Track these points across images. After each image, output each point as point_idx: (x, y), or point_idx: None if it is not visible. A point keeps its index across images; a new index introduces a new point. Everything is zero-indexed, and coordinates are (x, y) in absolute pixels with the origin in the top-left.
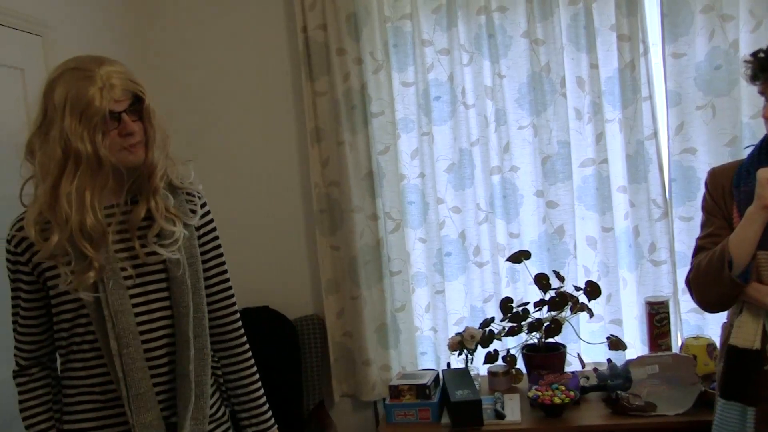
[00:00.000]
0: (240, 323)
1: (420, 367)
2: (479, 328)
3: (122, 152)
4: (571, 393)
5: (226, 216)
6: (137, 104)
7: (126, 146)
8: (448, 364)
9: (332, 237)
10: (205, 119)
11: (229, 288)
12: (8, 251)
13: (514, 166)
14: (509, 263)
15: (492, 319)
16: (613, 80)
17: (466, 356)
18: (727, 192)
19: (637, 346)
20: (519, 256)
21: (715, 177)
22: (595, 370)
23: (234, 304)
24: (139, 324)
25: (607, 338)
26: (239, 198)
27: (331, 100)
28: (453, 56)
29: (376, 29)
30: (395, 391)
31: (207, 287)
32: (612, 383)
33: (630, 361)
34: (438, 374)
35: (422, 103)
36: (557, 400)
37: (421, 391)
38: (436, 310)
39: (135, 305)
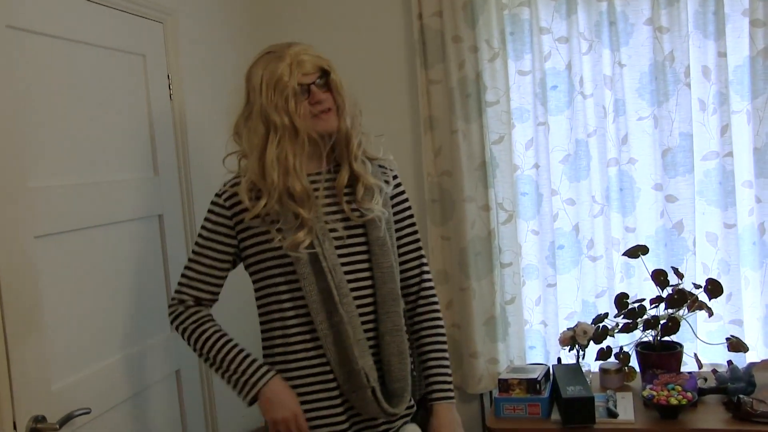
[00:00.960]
0: (434, 288)
1: (528, 362)
2: (592, 323)
3: (315, 120)
4: (689, 394)
5: None
6: (325, 77)
7: (316, 113)
8: (559, 359)
9: (443, 227)
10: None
11: (423, 255)
12: (216, 203)
13: (632, 158)
14: (624, 258)
15: (606, 315)
16: (743, 69)
17: (578, 352)
18: None
19: (759, 349)
20: (636, 251)
21: None
22: (714, 371)
23: (427, 269)
24: (348, 281)
25: (727, 339)
26: None
27: (446, 88)
28: (572, 44)
29: (492, 16)
30: (504, 385)
31: (402, 254)
32: (733, 386)
33: (753, 364)
34: (548, 369)
35: (538, 92)
36: (673, 401)
37: (531, 385)
38: (546, 304)
39: (342, 264)
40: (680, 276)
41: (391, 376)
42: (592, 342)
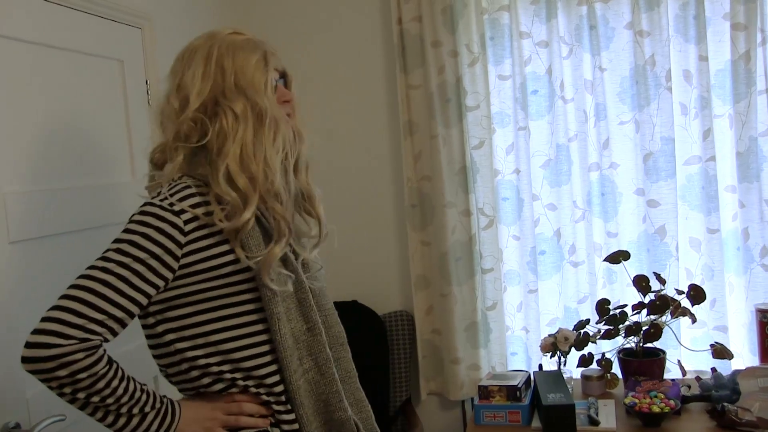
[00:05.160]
0: None
1: (510, 368)
2: (573, 329)
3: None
4: (672, 402)
5: None
6: (284, 80)
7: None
8: (540, 366)
9: (423, 232)
10: (297, 110)
11: None
12: (164, 221)
13: (614, 163)
14: (606, 263)
15: (587, 321)
16: (724, 73)
17: (559, 358)
18: None
19: (745, 356)
20: (618, 257)
21: None
22: (698, 379)
23: None
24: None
25: (711, 346)
26: (329, 190)
27: (426, 93)
28: (552, 49)
29: (472, 21)
30: (485, 392)
31: None
32: (717, 394)
33: (738, 371)
34: (529, 376)
35: (519, 96)
36: (656, 409)
37: (511, 392)
38: (528, 310)
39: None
40: (662, 282)
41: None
42: (573, 348)
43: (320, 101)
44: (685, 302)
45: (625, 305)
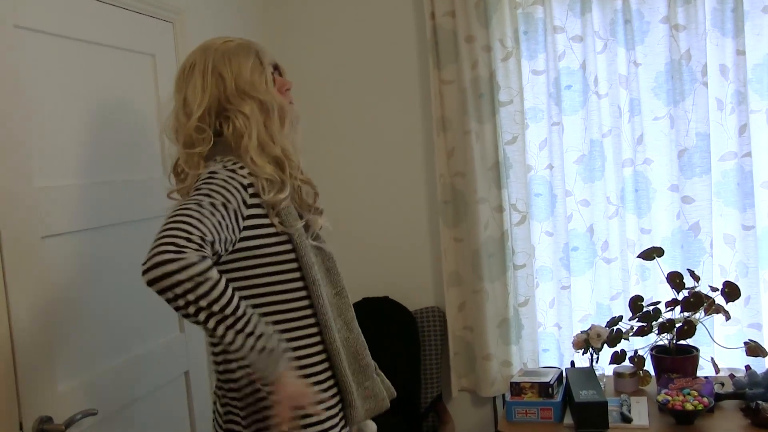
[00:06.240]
0: None
1: (542, 365)
2: (606, 326)
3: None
4: (705, 399)
5: (348, 205)
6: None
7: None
8: (572, 363)
9: (456, 228)
10: (330, 106)
11: None
12: (234, 179)
13: (648, 159)
14: (639, 260)
15: (620, 318)
16: (762, 67)
17: (592, 355)
18: None
19: None
20: (651, 253)
21: None
22: (732, 376)
23: None
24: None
25: (745, 343)
26: (362, 187)
27: (459, 88)
28: (586, 43)
29: (506, 15)
30: (516, 389)
31: None
32: (751, 392)
33: None
34: (561, 373)
35: (552, 92)
36: (689, 407)
37: (543, 389)
38: (560, 306)
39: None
40: (696, 278)
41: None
42: (606, 345)
43: (353, 97)
44: (720, 299)
45: (659, 302)
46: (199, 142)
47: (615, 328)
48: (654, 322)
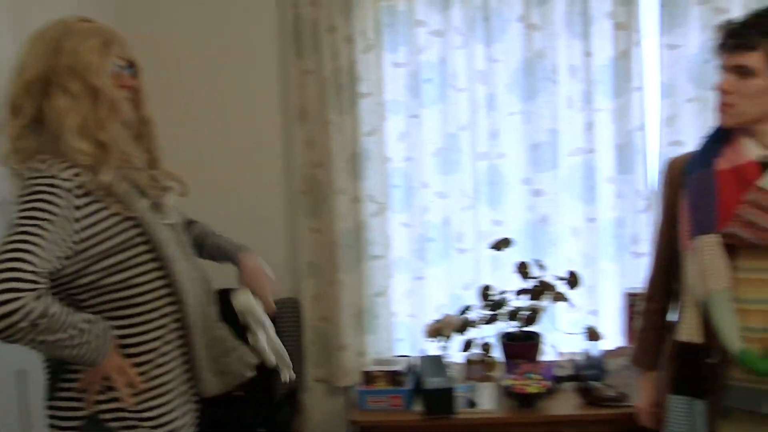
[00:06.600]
0: None
1: (397, 354)
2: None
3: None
4: (545, 383)
5: (203, 193)
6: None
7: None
8: (425, 351)
9: (313, 219)
10: (185, 93)
11: None
12: (57, 187)
13: (502, 153)
14: (492, 251)
15: (470, 307)
16: (607, 69)
17: (444, 343)
18: (676, 181)
19: (617, 338)
20: (500, 244)
21: (670, 166)
22: (573, 360)
23: None
24: None
25: (585, 329)
26: (216, 176)
27: (319, 78)
28: (446, 38)
29: (369, 7)
30: (368, 377)
31: None
32: (586, 374)
33: (608, 351)
34: (413, 361)
35: (412, 85)
36: (531, 390)
37: (394, 377)
38: (415, 296)
39: None
40: (542, 267)
41: None
42: (458, 333)
43: (210, 85)
44: (564, 288)
45: (506, 291)
46: (24, 103)
47: (463, 316)
48: (500, 310)
